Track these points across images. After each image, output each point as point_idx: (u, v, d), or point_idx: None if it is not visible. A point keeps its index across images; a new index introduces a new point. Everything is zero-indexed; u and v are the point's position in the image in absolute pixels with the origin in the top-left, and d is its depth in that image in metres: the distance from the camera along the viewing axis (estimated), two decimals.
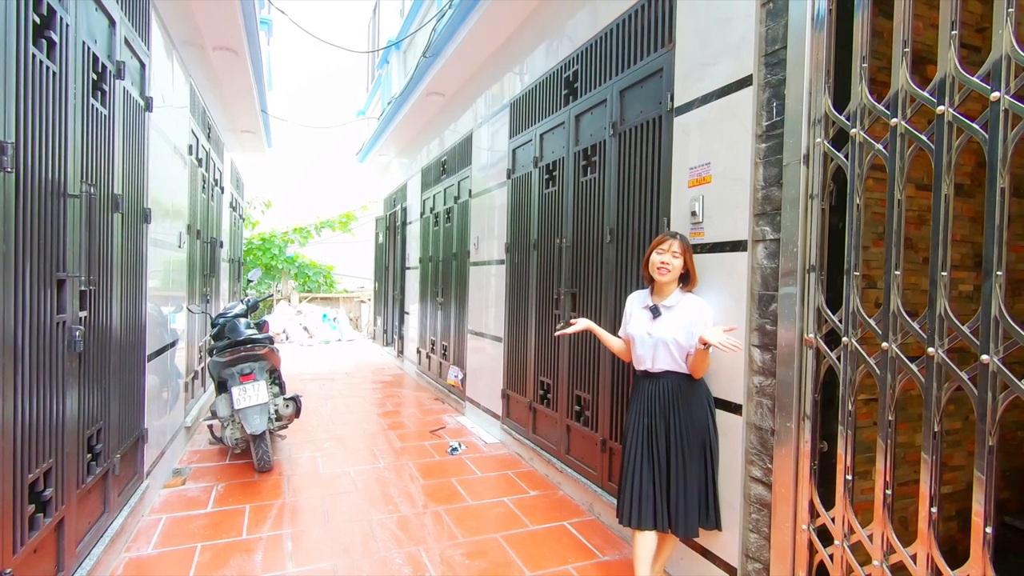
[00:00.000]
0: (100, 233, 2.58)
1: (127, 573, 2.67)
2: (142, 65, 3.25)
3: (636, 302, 2.57)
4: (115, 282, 2.79)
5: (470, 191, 5.75)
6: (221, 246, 6.84)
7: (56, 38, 2.08)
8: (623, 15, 3.25)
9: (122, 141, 2.86)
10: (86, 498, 2.49)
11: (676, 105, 2.75)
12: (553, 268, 4.02)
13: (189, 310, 4.76)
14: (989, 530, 1.57)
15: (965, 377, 1.64)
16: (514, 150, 4.70)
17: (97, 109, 2.53)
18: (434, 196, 7.17)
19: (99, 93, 2.58)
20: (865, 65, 1.94)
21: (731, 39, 2.43)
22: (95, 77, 2.52)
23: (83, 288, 2.38)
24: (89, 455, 2.52)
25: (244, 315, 4.59)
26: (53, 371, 2.11)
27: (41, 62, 1.97)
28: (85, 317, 2.41)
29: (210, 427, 4.51)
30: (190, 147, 4.69)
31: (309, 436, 4.96)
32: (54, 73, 2.07)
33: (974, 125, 1.62)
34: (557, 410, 3.94)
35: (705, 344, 2.19)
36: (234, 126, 7.30)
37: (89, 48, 2.41)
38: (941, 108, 1.70)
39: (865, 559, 1.93)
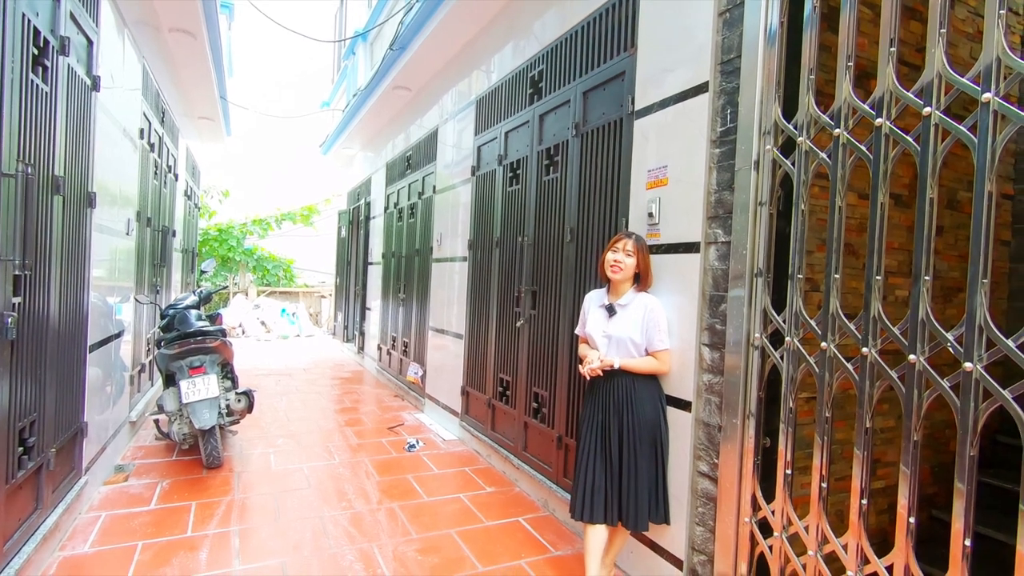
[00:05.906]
0: (38, 215, 2.45)
1: (61, 572, 2.55)
2: (89, 42, 3.11)
3: (593, 301, 2.61)
4: (54, 267, 2.66)
5: (434, 187, 5.71)
6: (174, 235, 6.60)
7: None
8: (588, 18, 3.29)
9: (65, 120, 2.73)
10: (16, 494, 2.37)
11: (636, 108, 2.81)
12: (515, 266, 4.04)
13: (137, 300, 4.58)
14: (912, 520, 1.66)
15: (894, 376, 1.74)
16: (479, 147, 4.69)
17: (37, 85, 2.41)
18: (398, 191, 7.09)
19: (40, 69, 2.45)
20: (813, 77, 2.03)
21: (690, 46, 2.49)
22: (36, 52, 2.39)
23: (17, 272, 2.26)
24: (21, 448, 2.40)
25: (196, 306, 4.45)
26: None
27: None
28: (19, 303, 2.28)
29: (156, 422, 4.35)
30: (142, 131, 4.51)
31: (262, 432, 4.83)
32: None
33: (908, 138, 1.71)
34: (515, 407, 3.96)
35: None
36: (191, 112, 7.04)
37: (30, 21, 2.29)
38: (879, 121, 1.79)
39: (802, 550, 2.02)
